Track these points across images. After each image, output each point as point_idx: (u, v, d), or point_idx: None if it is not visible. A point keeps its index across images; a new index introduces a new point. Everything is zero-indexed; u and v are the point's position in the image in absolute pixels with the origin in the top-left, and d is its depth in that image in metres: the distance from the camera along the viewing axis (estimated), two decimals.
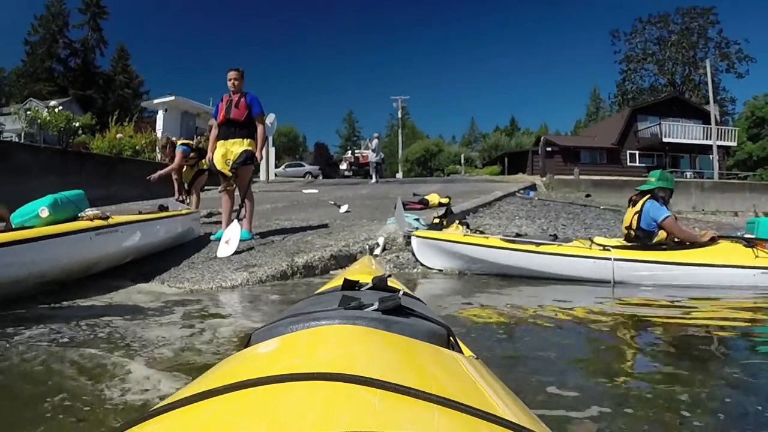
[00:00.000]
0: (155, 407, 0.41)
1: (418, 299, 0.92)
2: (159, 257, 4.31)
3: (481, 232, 4.59)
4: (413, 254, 4.45)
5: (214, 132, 4.85)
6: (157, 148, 16.39)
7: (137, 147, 14.32)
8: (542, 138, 23.39)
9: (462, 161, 32.90)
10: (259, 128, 4.81)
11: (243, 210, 4.79)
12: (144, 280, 3.64)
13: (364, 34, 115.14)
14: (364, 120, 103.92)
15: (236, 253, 4.24)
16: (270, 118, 4.96)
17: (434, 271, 4.37)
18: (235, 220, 4.56)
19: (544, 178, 18.57)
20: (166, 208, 4.86)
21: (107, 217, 3.45)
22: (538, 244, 3.94)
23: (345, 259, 4.33)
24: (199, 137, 18.96)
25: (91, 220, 3.30)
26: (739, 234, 4.13)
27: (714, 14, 45.84)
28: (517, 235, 4.24)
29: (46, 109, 13.35)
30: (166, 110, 20.84)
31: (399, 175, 30.93)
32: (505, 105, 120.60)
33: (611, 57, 50.01)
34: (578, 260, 3.84)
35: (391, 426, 0.34)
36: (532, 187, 14.80)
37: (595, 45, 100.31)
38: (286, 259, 4.07)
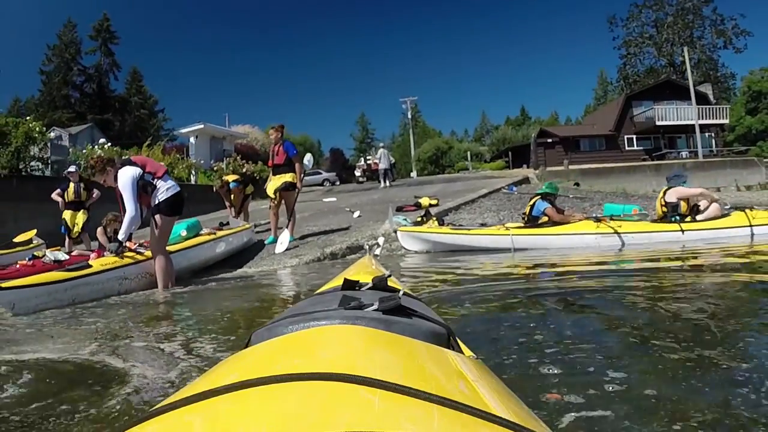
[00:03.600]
0: (155, 407, 0.42)
1: (419, 299, 0.94)
2: (236, 257, 6.73)
3: (454, 225, 6.95)
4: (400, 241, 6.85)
5: (271, 173, 7.16)
6: (191, 171, 19.09)
7: (174, 172, 16.74)
8: (536, 131, 25.23)
9: (469, 157, 34.13)
10: (297, 166, 6.90)
11: (288, 221, 7.07)
12: (238, 268, 6.11)
13: (371, 35, 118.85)
14: (377, 121, 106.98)
15: (287, 249, 6.65)
16: (307, 158, 7.36)
17: (412, 252, 6.74)
18: (285, 228, 6.96)
19: (537, 171, 20.64)
20: (227, 224, 7.25)
21: (215, 233, 5.93)
22: (469, 230, 6.28)
23: (356, 249, 6.74)
24: (227, 158, 21.53)
25: (208, 236, 5.78)
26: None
27: None
28: (460, 225, 6.61)
29: (97, 146, 16.09)
30: (197, 137, 23.53)
31: (413, 174, 31.82)
32: (516, 95, 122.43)
33: (612, 42, 51.14)
34: (491, 237, 6.18)
35: (390, 426, 0.34)
36: (525, 180, 16.80)
37: (600, 30, 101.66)
38: (319, 250, 6.48)
